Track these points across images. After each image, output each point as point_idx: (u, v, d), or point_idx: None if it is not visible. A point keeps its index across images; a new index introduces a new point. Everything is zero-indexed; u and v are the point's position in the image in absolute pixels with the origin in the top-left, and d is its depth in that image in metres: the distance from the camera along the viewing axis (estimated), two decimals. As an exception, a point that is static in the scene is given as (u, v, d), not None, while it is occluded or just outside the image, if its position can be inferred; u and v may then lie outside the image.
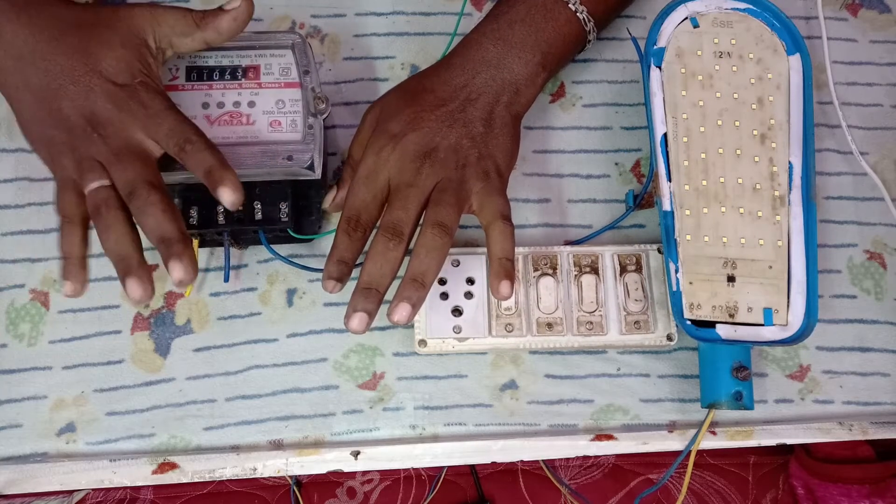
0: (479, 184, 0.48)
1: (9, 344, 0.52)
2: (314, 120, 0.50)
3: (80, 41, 0.46)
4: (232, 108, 0.50)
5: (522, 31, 0.52)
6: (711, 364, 0.49)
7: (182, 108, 0.50)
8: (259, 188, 0.50)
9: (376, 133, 0.50)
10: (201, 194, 0.50)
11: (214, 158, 0.45)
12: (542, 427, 0.52)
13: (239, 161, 0.49)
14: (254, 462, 0.50)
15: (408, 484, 0.58)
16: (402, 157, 0.48)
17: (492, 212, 0.48)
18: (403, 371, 0.52)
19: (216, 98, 0.50)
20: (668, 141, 0.51)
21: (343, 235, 0.47)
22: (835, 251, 0.56)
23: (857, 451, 0.55)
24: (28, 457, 0.50)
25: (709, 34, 0.53)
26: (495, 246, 0.47)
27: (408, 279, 0.46)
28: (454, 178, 0.48)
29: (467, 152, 0.49)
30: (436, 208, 0.47)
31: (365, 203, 0.48)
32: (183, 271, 0.43)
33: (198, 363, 0.52)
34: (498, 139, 0.50)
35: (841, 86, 0.58)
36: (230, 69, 0.51)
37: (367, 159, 0.49)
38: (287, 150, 0.49)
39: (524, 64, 0.52)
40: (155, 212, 0.43)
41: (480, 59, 0.51)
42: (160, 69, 0.49)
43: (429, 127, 0.49)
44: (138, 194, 0.44)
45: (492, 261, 0.47)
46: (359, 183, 0.48)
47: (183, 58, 0.51)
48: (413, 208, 0.47)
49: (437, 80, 0.51)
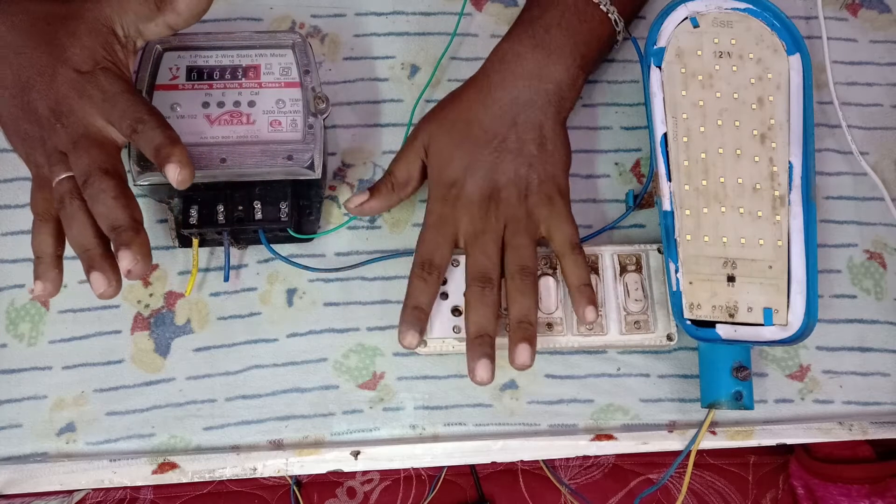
0: (545, 210, 0.50)
1: (9, 344, 0.52)
2: (314, 120, 0.50)
3: (48, 33, 0.46)
4: (232, 108, 0.50)
5: (559, 35, 0.52)
6: (711, 364, 0.49)
7: (182, 107, 0.50)
8: (259, 188, 0.50)
9: (436, 182, 0.51)
10: (202, 193, 0.50)
11: (164, 136, 0.44)
12: (542, 427, 0.52)
13: (239, 160, 0.49)
14: (254, 462, 0.50)
15: (408, 484, 0.58)
16: (468, 205, 0.50)
17: (561, 241, 0.50)
18: (403, 371, 0.52)
19: (216, 97, 0.50)
20: (668, 141, 0.51)
21: (418, 281, 0.49)
22: (835, 251, 0.56)
23: (857, 451, 0.55)
24: (28, 457, 0.50)
25: (709, 34, 0.53)
26: (571, 276, 0.49)
27: (514, 324, 0.48)
28: (521, 215, 0.50)
29: (528, 180, 0.51)
30: (514, 254, 0.49)
31: (437, 245, 0.50)
32: (131, 260, 0.42)
33: (198, 363, 0.52)
34: (553, 155, 0.51)
35: (841, 86, 0.58)
36: (230, 69, 0.51)
37: (433, 208, 0.51)
38: (287, 150, 0.49)
39: (565, 69, 0.52)
40: (105, 199, 0.43)
41: (521, 73, 0.51)
42: (130, 58, 0.48)
43: (485, 168, 0.50)
44: (91, 182, 0.43)
45: (571, 290, 0.49)
46: (428, 230, 0.50)
47: (183, 58, 0.51)
48: (493, 253, 0.49)
49: (481, 108, 0.51)
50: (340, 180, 0.56)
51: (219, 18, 0.58)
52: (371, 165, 0.56)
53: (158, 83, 0.51)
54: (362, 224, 0.55)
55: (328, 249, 0.54)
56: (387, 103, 0.57)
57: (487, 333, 0.48)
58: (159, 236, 0.54)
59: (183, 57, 0.51)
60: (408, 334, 0.48)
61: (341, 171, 0.56)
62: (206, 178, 0.49)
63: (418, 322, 0.48)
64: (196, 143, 0.49)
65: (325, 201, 0.55)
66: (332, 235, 0.54)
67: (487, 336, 0.48)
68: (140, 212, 0.44)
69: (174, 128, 0.47)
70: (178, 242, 0.52)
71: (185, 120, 0.50)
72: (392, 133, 0.57)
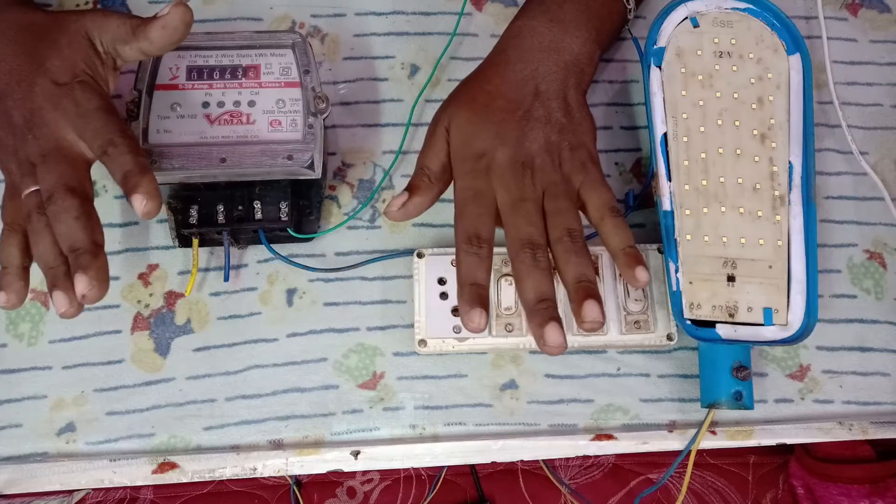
0: (580, 177, 0.48)
1: (9, 344, 0.52)
2: (314, 119, 0.50)
3: (30, 42, 0.46)
4: (232, 108, 0.50)
5: (573, 8, 0.51)
6: (711, 364, 0.49)
7: (182, 107, 0.50)
8: (259, 187, 0.51)
9: (462, 157, 0.49)
10: (201, 193, 0.50)
11: (134, 163, 0.43)
12: (542, 427, 0.52)
13: (239, 160, 0.49)
14: (254, 462, 0.50)
15: (408, 484, 0.58)
16: (502, 175, 0.47)
17: (598, 206, 0.47)
18: (403, 371, 0.52)
19: (216, 97, 0.50)
20: (668, 141, 0.51)
21: (469, 257, 0.45)
22: (835, 251, 0.56)
23: (857, 451, 0.55)
24: (28, 457, 0.50)
25: (709, 34, 0.53)
26: (613, 240, 0.46)
27: (574, 285, 0.45)
28: (559, 181, 0.48)
29: (560, 147, 0.49)
30: (559, 218, 0.46)
31: (480, 216, 0.47)
32: (87, 285, 0.41)
33: (198, 363, 0.52)
34: (581, 124, 0.50)
35: (841, 85, 0.58)
36: (230, 68, 0.51)
37: (464, 184, 0.48)
38: (287, 150, 0.49)
39: (582, 42, 0.51)
40: (67, 218, 0.42)
41: (538, 47, 0.51)
42: (110, 75, 0.47)
43: (514, 136, 0.48)
44: (54, 199, 0.42)
45: (615, 255, 0.46)
46: (466, 205, 0.47)
47: (183, 57, 0.51)
48: (538, 219, 0.46)
49: (501, 81, 0.50)
50: (340, 180, 0.56)
51: (219, 18, 0.58)
52: (371, 165, 0.56)
53: (158, 83, 0.51)
54: (362, 224, 0.55)
55: (328, 249, 0.54)
56: (387, 103, 0.57)
57: (549, 298, 0.44)
58: (159, 236, 0.54)
59: (183, 56, 0.51)
60: (474, 314, 0.43)
61: (341, 171, 0.56)
62: (206, 178, 0.49)
63: (480, 299, 0.44)
64: (196, 142, 0.49)
65: (325, 201, 0.55)
66: (332, 235, 0.54)
67: (549, 300, 0.44)
68: (102, 234, 0.43)
69: (174, 128, 0.47)
70: (177, 242, 0.52)
71: (184, 120, 0.50)
72: (392, 133, 0.57)
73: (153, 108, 0.50)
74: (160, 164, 0.48)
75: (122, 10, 0.56)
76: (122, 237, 0.54)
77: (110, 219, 0.54)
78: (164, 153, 0.48)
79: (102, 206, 0.54)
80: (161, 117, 0.50)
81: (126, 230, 0.54)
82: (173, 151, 0.48)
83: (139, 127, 0.49)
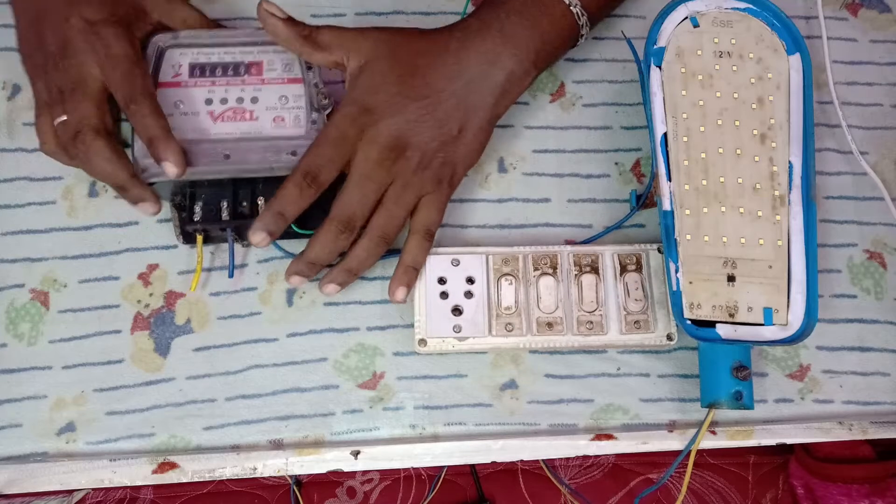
0: (429, 188, 0.50)
1: (9, 344, 0.52)
2: (317, 115, 0.50)
3: None
4: (235, 105, 0.50)
5: (519, 24, 0.51)
6: (712, 364, 0.49)
7: (185, 104, 0.50)
8: (262, 183, 0.50)
9: (353, 99, 0.49)
10: (205, 190, 0.50)
11: (157, 127, 0.47)
12: (542, 427, 0.52)
13: (243, 157, 0.49)
14: (254, 462, 0.50)
15: (408, 484, 0.58)
16: (373, 141, 0.49)
17: (422, 222, 0.50)
18: (403, 371, 0.52)
19: (219, 94, 0.50)
20: (668, 141, 0.51)
21: (294, 188, 0.47)
22: (835, 251, 0.56)
23: (857, 451, 0.55)
24: (28, 456, 0.50)
25: (709, 34, 0.53)
26: (408, 255, 0.50)
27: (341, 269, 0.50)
28: (411, 183, 0.50)
29: (433, 156, 0.50)
30: (384, 218, 0.50)
31: (330, 162, 0.48)
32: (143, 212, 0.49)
33: (198, 363, 0.52)
34: (467, 146, 0.51)
35: (841, 85, 0.58)
36: (233, 66, 0.51)
37: (340, 123, 0.49)
38: (291, 146, 0.49)
39: (518, 62, 0.51)
40: (99, 161, 0.47)
41: (477, 51, 0.51)
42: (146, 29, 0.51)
43: (406, 118, 0.49)
44: (81, 139, 0.47)
45: (399, 265, 0.50)
46: (327, 142, 0.48)
47: (185, 55, 0.51)
48: (370, 203, 0.49)
49: (432, 64, 0.50)
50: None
51: (218, 18, 0.58)
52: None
53: (161, 80, 0.51)
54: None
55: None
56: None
57: (317, 263, 0.49)
58: (159, 236, 0.54)
59: (185, 54, 0.51)
60: (259, 234, 0.47)
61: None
62: (211, 174, 0.49)
63: (276, 227, 0.48)
64: (199, 139, 0.49)
65: None
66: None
67: (317, 267, 0.50)
68: (130, 165, 0.48)
69: (178, 126, 0.48)
70: (182, 240, 0.52)
71: (188, 117, 0.50)
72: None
73: None
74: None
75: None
76: (122, 237, 0.54)
77: (110, 219, 0.54)
78: None
79: (103, 206, 0.54)
80: (165, 115, 0.49)
81: (126, 230, 0.54)
82: None
83: None
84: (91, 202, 0.54)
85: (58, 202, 0.54)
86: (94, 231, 0.54)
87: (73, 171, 0.54)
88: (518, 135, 0.57)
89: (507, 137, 0.57)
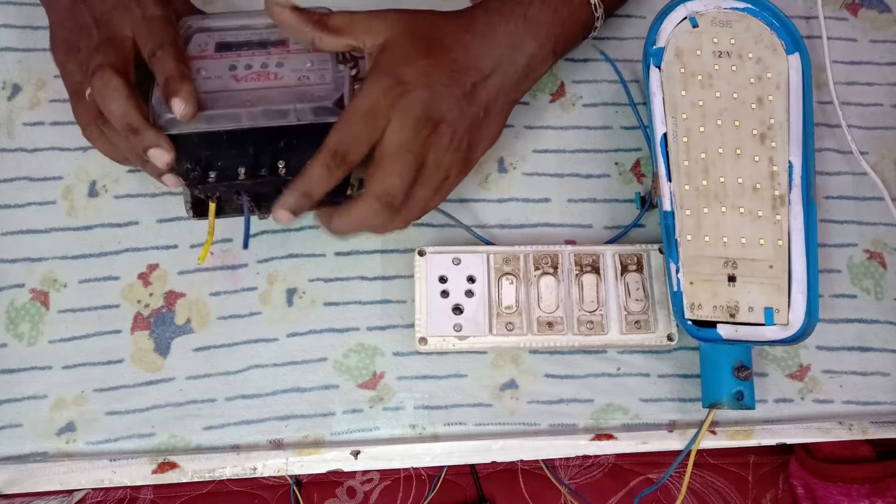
0: (452, 172, 0.48)
1: (9, 344, 0.52)
2: (343, 67, 0.49)
3: None
4: (259, 69, 0.49)
5: (543, 10, 0.51)
6: (712, 364, 0.49)
7: (209, 72, 0.49)
8: (284, 140, 0.47)
9: (382, 70, 0.46)
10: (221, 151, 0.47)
11: (176, 70, 0.46)
12: (542, 427, 0.52)
13: (268, 99, 0.47)
14: (254, 462, 0.50)
15: (408, 484, 0.58)
16: (408, 113, 0.46)
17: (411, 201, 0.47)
18: (403, 371, 0.52)
19: (244, 62, 0.50)
20: (668, 141, 0.51)
21: (321, 168, 0.44)
22: (835, 251, 0.56)
23: (857, 451, 0.55)
24: (28, 456, 0.50)
25: (708, 34, 0.53)
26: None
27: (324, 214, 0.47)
28: (442, 163, 0.47)
29: (462, 136, 0.48)
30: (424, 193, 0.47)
31: (359, 140, 0.45)
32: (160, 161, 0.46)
33: (198, 363, 0.52)
34: (490, 128, 0.50)
35: (841, 85, 0.58)
36: (258, 43, 0.50)
37: (370, 92, 0.45)
38: (317, 92, 0.48)
39: (539, 47, 0.50)
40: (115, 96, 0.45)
41: (502, 33, 0.50)
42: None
43: (440, 91, 0.47)
44: (100, 74, 0.45)
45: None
46: (356, 115, 0.45)
47: (213, 36, 0.51)
48: (409, 180, 0.46)
49: (458, 42, 0.49)
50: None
51: (219, 18, 0.58)
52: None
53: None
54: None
55: (328, 249, 0.54)
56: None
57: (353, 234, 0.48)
58: (159, 235, 0.54)
59: (212, 35, 0.51)
60: (283, 213, 0.44)
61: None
62: (231, 122, 0.47)
63: (300, 207, 0.45)
64: (221, 90, 0.48)
65: None
66: (333, 235, 0.54)
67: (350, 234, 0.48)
68: (146, 110, 0.46)
69: (200, 88, 0.47)
70: (192, 213, 0.48)
71: (210, 80, 0.49)
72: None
73: None
74: None
75: None
76: (122, 237, 0.54)
77: (110, 219, 0.54)
78: None
79: (102, 206, 0.54)
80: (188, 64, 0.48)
81: (126, 230, 0.54)
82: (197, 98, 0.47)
83: None
84: (91, 202, 0.54)
85: (58, 202, 0.54)
86: (94, 231, 0.54)
87: (74, 171, 0.54)
88: (518, 135, 0.57)
89: (507, 137, 0.57)
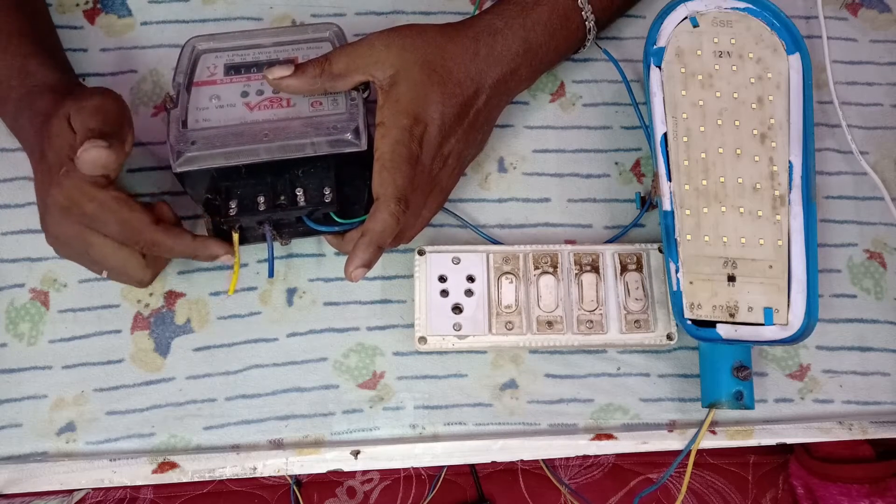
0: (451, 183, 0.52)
1: (9, 343, 0.52)
2: (356, 94, 0.49)
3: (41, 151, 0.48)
4: (271, 94, 0.50)
5: (543, 35, 0.52)
6: (712, 364, 0.49)
7: (221, 99, 0.49)
8: (302, 170, 0.49)
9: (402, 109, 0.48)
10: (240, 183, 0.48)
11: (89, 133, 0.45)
12: (542, 426, 0.52)
13: (283, 133, 0.48)
14: (254, 461, 0.50)
15: (408, 483, 0.58)
16: (429, 148, 0.48)
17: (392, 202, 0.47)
18: (403, 370, 0.52)
19: (255, 87, 0.50)
20: (668, 141, 0.51)
21: (391, 218, 0.46)
22: (835, 251, 0.56)
23: (857, 451, 0.55)
24: (28, 456, 0.50)
25: (708, 34, 0.53)
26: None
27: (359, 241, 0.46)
28: (445, 187, 0.51)
29: (465, 154, 0.51)
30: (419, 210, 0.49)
31: (410, 182, 0.47)
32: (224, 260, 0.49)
33: (198, 362, 0.52)
34: (480, 144, 0.53)
35: (841, 85, 0.58)
36: (267, 64, 0.50)
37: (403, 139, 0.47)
38: (331, 122, 0.48)
39: (531, 72, 0.53)
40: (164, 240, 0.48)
41: (503, 54, 0.51)
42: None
43: (449, 118, 0.49)
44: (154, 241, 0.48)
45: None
46: (403, 163, 0.46)
47: (220, 57, 0.51)
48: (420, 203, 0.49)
49: (463, 69, 0.50)
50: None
51: (219, 18, 0.58)
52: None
53: (197, 80, 0.50)
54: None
55: (328, 250, 0.54)
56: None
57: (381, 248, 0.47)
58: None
59: (220, 56, 0.51)
60: (361, 271, 0.46)
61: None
62: (250, 157, 0.47)
63: (374, 261, 0.46)
64: (237, 124, 0.48)
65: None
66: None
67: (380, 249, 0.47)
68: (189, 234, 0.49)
69: (213, 117, 0.48)
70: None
71: (224, 109, 0.49)
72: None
73: (191, 101, 0.49)
74: (201, 146, 0.47)
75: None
76: (122, 237, 0.54)
77: (110, 218, 0.54)
78: (205, 136, 0.47)
79: (102, 205, 0.54)
80: (200, 108, 0.49)
81: (126, 230, 0.54)
82: (214, 133, 0.47)
83: (178, 117, 0.48)
84: (91, 202, 0.54)
85: (58, 202, 0.54)
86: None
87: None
88: (518, 134, 0.57)
89: (507, 137, 0.57)
